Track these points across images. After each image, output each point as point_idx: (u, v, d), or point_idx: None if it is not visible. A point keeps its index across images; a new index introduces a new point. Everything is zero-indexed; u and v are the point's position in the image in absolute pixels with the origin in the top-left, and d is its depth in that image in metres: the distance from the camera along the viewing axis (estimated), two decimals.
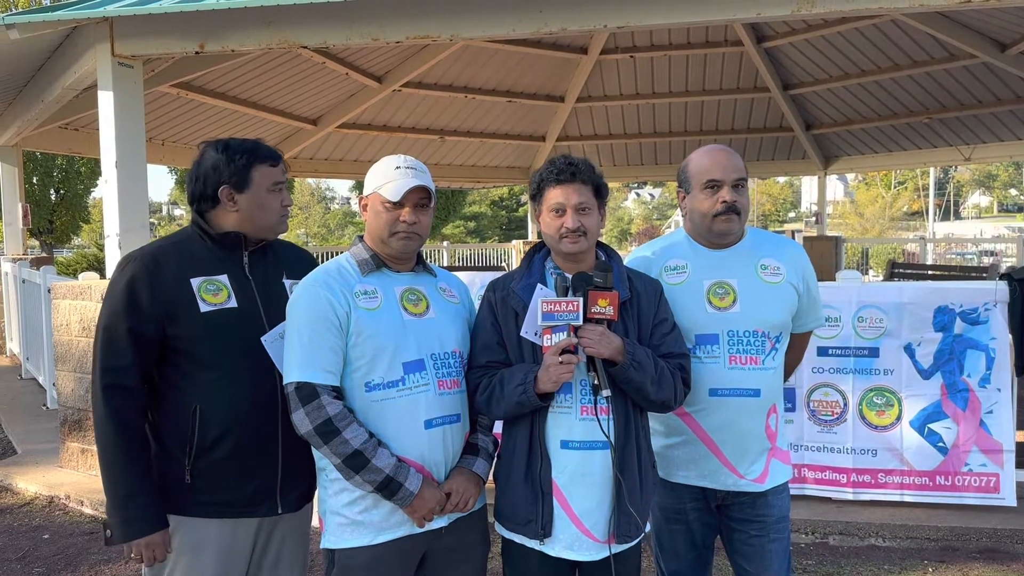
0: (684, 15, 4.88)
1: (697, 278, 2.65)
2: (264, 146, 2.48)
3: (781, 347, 2.67)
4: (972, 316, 4.71)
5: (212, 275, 2.39)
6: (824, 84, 12.75)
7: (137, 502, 2.29)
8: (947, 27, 9.98)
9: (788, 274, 2.67)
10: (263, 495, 2.39)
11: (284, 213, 2.51)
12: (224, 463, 2.33)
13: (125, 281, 2.34)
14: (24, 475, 5.76)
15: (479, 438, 2.48)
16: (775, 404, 2.67)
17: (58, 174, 21.86)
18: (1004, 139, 12.76)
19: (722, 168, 2.61)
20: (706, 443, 2.61)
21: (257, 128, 11.79)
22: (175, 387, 2.36)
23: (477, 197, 41.50)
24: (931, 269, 13.97)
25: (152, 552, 2.31)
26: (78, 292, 5.68)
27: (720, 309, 2.61)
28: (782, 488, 2.70)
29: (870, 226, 44.16)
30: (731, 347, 2.59)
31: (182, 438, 2.33)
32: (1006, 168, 69.48)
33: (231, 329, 2.35)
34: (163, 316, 2.31)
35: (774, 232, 3.94)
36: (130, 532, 2.30)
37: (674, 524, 2.73)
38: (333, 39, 5.33)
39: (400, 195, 2.32)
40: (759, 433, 2.62)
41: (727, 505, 2.68)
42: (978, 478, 4.70)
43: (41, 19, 5.25)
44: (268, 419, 2.36)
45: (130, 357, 2.30)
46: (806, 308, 2.74)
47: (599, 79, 13.34)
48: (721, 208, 2.59)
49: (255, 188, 2.43)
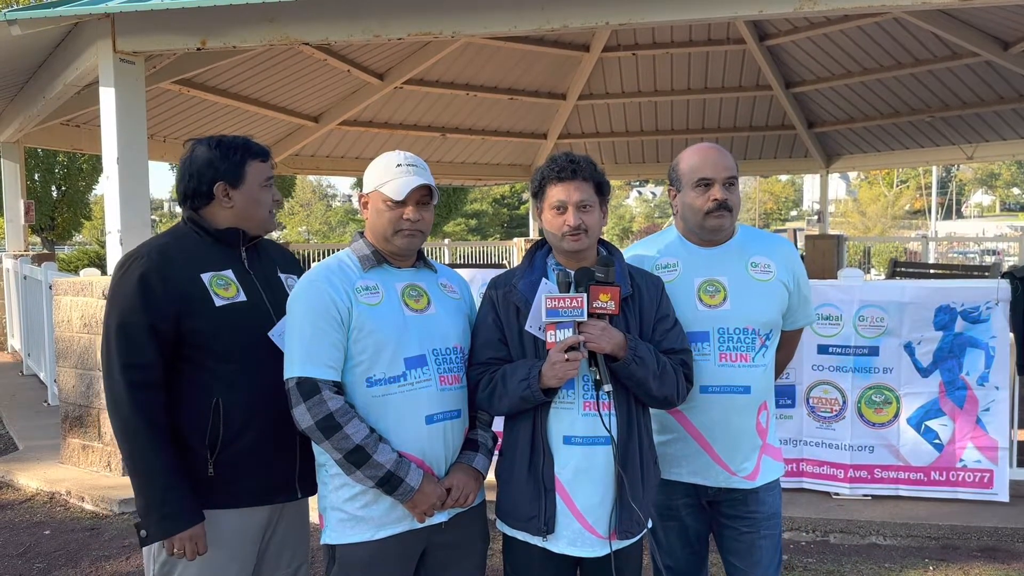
0: (686, 12, 4.88)
1: (688, 276, 2.66)
2: (254, 143, 2.51)
3: (771, 345, 2.69)
4: (973, 315, 4.73)
5: (219, 270, 2.41)
6: (826, 82, 12.74)
7: (176, 495, 2.29)
8: (950, 25, 9.97)
9: (778, 271, 2.68)
10: (283, 481, 2.44)
11: (274, 209, 2.54)
12: (247, 453, 2.36)
13: (137, 277, 2.33)
14: (25, 471, 5.77)
15: (478, 434, 2.49)
16: (766, 401, 2.68)
17: (60, 171, 21.85)
18: (1007, 138, 12.75)
19: (713, 166, 2.62)
20: (698, 440, 2.63)
21: (258, 125, 11.79)
22: (192, 382, 2.36)
23: (478, 195, 41.50)
24: (933, 268, 13.94)
25: (195, 544, 2.31)
26: (80, 288, 5.68)
27: (710, 307, 2.62)
28: (773, 485, 2.72)
29: (872, 225, 44.16)
30: (721, 344, 2.60)
31: (203, 432, 2.33)
32: (1008, 167, 69.38)
33: (243, 322, 2.39)
34: (179, 311, 2.32)
35: (767, 231, 3.95)
36: (172, 527, 2.28)
37: (668, 521, 2.75)
38: (335, 36, 5.33)
39: (403, 194, 2.32)
40: (750, 430, 2.63)
41: (718, 502, 2.70)
42: (972, 474, 4.77)
43: (43, 15, 5.25)
44: (286, 407, 2.35)
45: (152, 353, 2.30)
46: (796, 305, 2.75)
47: (601, 77, 13.33)
48: (712, 205, 2.60)
49: (249, 184, 2.44)
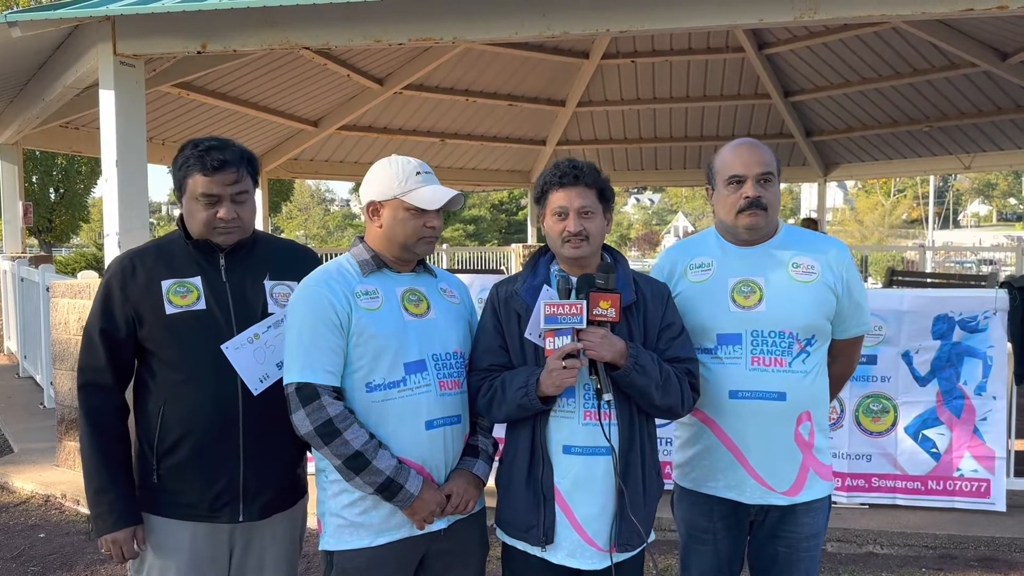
0: (687, 20, 4.88)
1: (722, 276, 2.55)
2: (213, 154, 2.35)
3: (815, 351, 2.52)
4: (971, 324, 4.73)
5: (186, 277, 2.39)
6: (825, 91, 12.76)
7: (105, 498, 2.33)
8: (948, 35, 9.99)
9: (823, 273, 2.52)
10: (224, 501, 2.37)
11: (216, 225, 2.37)
12: (185, 466, 2.34)
13: (104, 283, 2.40)
14: (20, 474, 5.75)
15: (479, 440, 2.47)
16: (809, 411, 2.51)
17: (58, 173, 21.87)
18: (1004, 148, 12.77)
19: (744, 163, 2.51)
20: (731, 450, 2.50)
21: (257, 129, 11.79)
22: (147, 387, 2.40)
23: (477, 200, 41.56)
24: (930, 277, 13.95)
25: (119, 548, 2.34)
26: (77, 291, 5.68)
27: (744, 308, 2.50)
28: (819, 505, 2.55)
29: (869, 233, 44.23)
30: (754, 347, 2.47)
31: (150, 438, 2.36)
32: (1006, 177, 69.60)
33: (195, 332, 2.35)
34: (132, 318, 2.36)
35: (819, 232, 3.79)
36: (100, 528, 2.34)
37: (701, 544, 2.61)
38: (336, 40, 5.33)
39: (438, 204, 2.31)
40: (787, 441, 2.48)
41: (759, 522, 2.56)
42: (969, 483, 4.77)
43: (44, 17, 5.24)
44: (228, 425, 2.34)
45: (104, 357, 2.35)
46: (848, 312, 2.57)
47: (600, 83, 13.35)
48: (744, 204, 2.49)
49: (186, 196, 2.41)
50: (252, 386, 2.36)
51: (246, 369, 2.35)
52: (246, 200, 2.42)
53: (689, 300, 2.56)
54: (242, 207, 2.40)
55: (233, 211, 2.37)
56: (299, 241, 41.39)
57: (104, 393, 2.37)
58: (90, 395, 2.37)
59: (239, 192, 2.39)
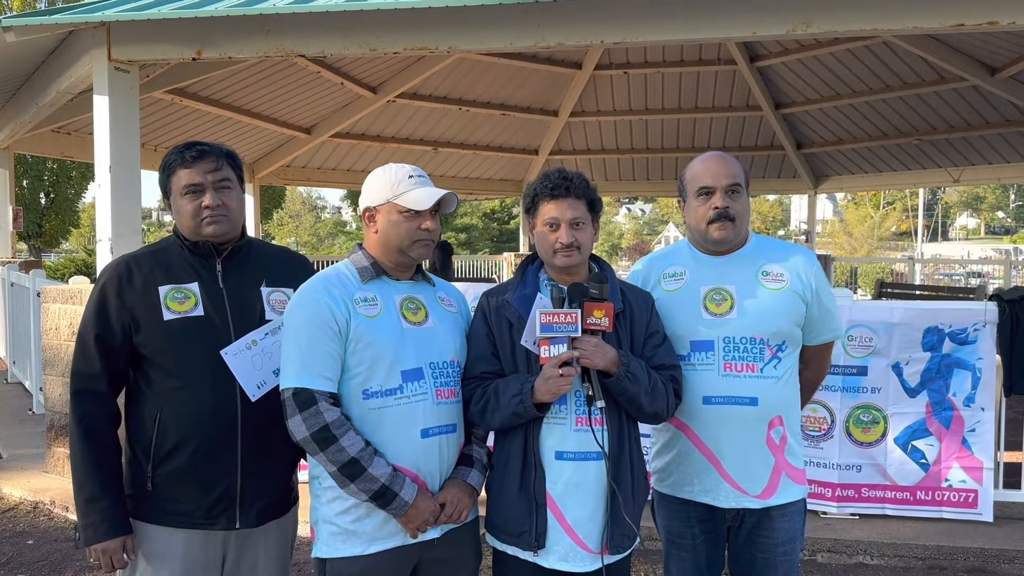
0: (680, 32, 4.92)
1: (694, 285, 2.62)
2: (191, 148, 2.39)
3: (786, 357, 2.59)
4: (961, 336, 4.77)
5: (183, 283, 2.38)
6: (816, 104, 12.86)
7: (98, 507, 2.31)
8: (938, 50, 10.10)
9: (792, 281, 2.59)
10: (221, 508, 2.36)
11: (203, 215, 2.36)
12: (181, 473, 2.33)
13: (99, 288, 2.38)
14: (9, 480, 5.71)
15: (474, 449, 2.47)
16: (780, 416, 2.57)
17: (49, 177, 21.76)
18: (993, 162, 12.88)
19: (712, 175, 2.58)
20: (705, 455, 2.57)
21: (250, 136, 11.80)
22: (142, 394, 2.38)
23: (469, 209, 41.55)
24: (919, 289, 14.03)
25: (109, 558, 2.32)
26: (68, 296, 5.66)
27: (716, 315, 2.56)
28: (792, 508, 2.60)
29: (858, 246, 44.45)
30: (726, 354, 2.53)
31: (145, 445, 2.34)
32: (994, 191, 70.13)
33: (194, 338, 2.34)
34: (128, 323, 2.33)
35: (786, 241, 3.88)
36: (89, 537, 2.32)
37: (681, 551, 2.66)
38: (331, 48, 5.34)
39: (429, 204, 2.32)
40: (759, 445, 2.54)
41: (735, 528, 2.61)
42: (957, 494, 4.81)
43: (39, 22, 5.24)
44: (227, 431, 2.34)
45: (99, 364, 2.33)
46: (817, 318, 2.63)
47: (593, 94, 13.42)
48: (713, 215, 2.56)
49: (173, 195, 2.42)
50: (250, 392, 2.35)
51: (244, 375, 2.35)
52: (230, 188, 2.41)
53: (663, 308, 2.61)
54: (226, 195, 2.40)
55: (218, 198, 2.36)
56: (290, 248, 41.38)
57: (98, 400, 2.35)
58: (83, 402, 2.35)
59: (221, 179, 2.39)
